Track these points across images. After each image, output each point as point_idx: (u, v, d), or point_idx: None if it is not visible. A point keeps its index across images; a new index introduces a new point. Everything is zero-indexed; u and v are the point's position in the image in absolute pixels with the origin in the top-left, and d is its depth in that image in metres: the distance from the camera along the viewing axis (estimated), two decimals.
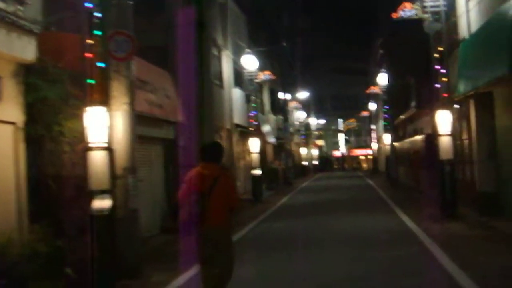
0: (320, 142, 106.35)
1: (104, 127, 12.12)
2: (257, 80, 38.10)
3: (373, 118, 73.23)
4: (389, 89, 48.87)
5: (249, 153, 35.78)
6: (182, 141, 25.25)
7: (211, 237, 9.32)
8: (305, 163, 79.58)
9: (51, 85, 12.69)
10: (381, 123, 54.92)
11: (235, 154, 34.38)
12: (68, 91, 12.90)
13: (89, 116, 12.09)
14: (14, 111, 12.40)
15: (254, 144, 35.35)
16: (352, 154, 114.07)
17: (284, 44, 54.33)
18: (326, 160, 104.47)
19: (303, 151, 79.68)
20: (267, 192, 40.38)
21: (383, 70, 50.77)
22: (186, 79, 26.78)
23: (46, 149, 13.01)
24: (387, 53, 52.42)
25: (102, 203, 12.03)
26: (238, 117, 35.37)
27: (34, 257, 11.37)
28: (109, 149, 12.16)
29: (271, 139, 49.28)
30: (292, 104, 65.48)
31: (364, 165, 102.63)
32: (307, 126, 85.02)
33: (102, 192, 12.06)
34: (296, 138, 74.49)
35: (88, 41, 12.18)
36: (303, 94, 71.43)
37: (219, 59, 32.64)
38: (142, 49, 23.70)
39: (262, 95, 50.00)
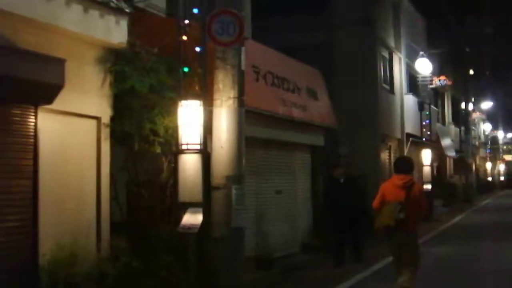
0: (508, 157, 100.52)
1: (198, 125, 9.83)
2: (432, 86, 34.94)
3: None
4: None
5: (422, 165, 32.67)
6: (344, 150, 22.88)
7: (404, 242, 10.33)
8: (490, 179, 74.96)
9: (143, 74, 10.46)
10: None
11: None
12: (163, 81, 10.62)
13: (183, 112, 9.84)
14: (98, 104, 10.31)
15: (426, 156, 32.23)
16: None
17: (467, 49, 50.69)
18: None
19: (488, 166, 75.13)
20: (442, 209, 37.06)
21: None
22: (347, 80, 24.42)
23: (135, 150, 10.80)
24: None
25: (192, 219, 9.75)
26: (410, 126, 32.31)
27: (101, 279, 9.30)
28: (203, 153, 9.84)
29: (451, 152, 45.79)
30: (477, 115, 61.29)
31: None
32: (493, 139, 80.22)
33: (193, 205, 9.81)
34: (481, 152, 70.10)
35: (185, 21, 9.96)
36: (488, 104, 66.99)
37: (390, 61, 29.80)
38: (299, 47, 22.00)
39: (443, 104, 46.72)
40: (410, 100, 32.59)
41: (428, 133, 33.44)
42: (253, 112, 13.61)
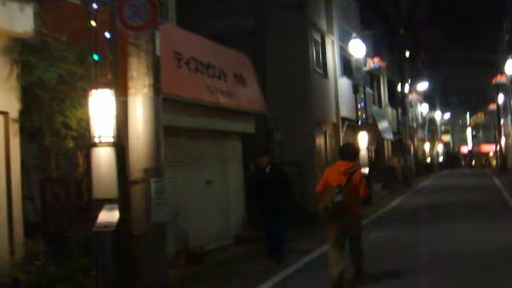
0: (446, 138, 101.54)
1: (111, 116, 9.22)
2: (366, 69, 34.54)
3: (501, 111, 67.99)
4: None
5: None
6: (278, 137, 22.37)
7: (346, 225, 10.78)
8: (428, 160, 75.45)
9: (51, 63, 9.79)
10: (510, 117, 50.25)
11: None
12: (73, 71, 9.97)
13: (94, 102, 9.22)
14: (4, 97, 9.63)
15: (362, 139, 31.86)
16: (480, 150, 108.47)
17: (402, 31, 50.52)
18: (452, 156, 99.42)
19: (427, 147, 75.60)
20: (382, 192, 36.90)
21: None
22: (279, 66, 23.87)
23: (47, 146, 10.14)
24: None
25: (108, 216, 9.15)
26: (346, 110, 31.91)
27: (13, 285, 8.67)
28: (117, 145, 9.23)
29: (388, 135, 45.61)
30: (413, 97, 61.37)
31: (493, 162, 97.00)
32: (431, 120, 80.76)
33: (109, 202, 9.20)
34: (420, 134, 70.41)
35: (94, 5, 9.33)
36: (424, 86, 67.23)
37: (322, 45, 29.33)
38: (231, 33, 21.40)
39: (379, 87, 46.50)
40: (344, 84, 32.19)
41: (364, 116, 33.04)
42: (176, 100, 13.05)
